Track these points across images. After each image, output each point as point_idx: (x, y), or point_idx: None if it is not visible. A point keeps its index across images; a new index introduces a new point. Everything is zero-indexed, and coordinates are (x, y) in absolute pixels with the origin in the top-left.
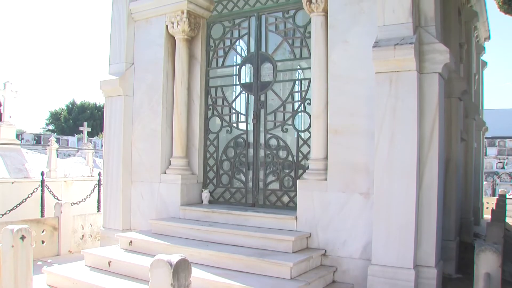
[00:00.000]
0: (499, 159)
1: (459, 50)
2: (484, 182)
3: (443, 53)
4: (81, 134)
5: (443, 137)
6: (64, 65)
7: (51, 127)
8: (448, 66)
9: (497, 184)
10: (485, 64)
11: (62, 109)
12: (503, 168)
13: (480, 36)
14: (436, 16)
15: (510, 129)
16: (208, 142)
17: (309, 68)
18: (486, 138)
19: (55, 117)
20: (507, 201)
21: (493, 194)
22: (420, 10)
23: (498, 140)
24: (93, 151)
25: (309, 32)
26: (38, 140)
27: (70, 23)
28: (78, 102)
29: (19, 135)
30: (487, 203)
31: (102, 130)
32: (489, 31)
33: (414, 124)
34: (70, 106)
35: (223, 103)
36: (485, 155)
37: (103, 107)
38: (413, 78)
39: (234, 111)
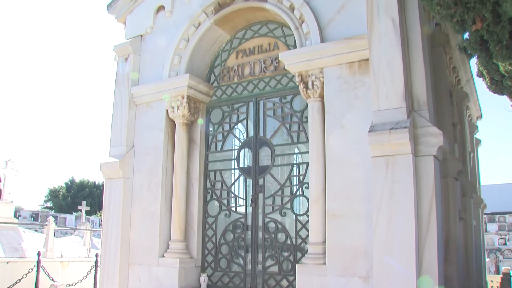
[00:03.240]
0: (500, 235)
1: (453, 130)
2: (487, 259)
3: (437, 136)
4: (79, 212)
5: (441, 218)
6: (64, 144)
7: (49, 204)
8: (443, 148)
9: (500, 261)
10: (479, 141)
11: (61, 186)
12: (505, 244)
13: (472, 115)
14: (428, 100)
15: (508, 204)
16: (207, 226)
17: (307, 152)
18: (485, 214)
19: (53, 194)
20: None
21: (497, 272)
22: (413, 95)
23: (498, 216)
24: (90, 231)
25: (306, 117)
26: (35, 217)
27: (71, 103)
28: (77, 180)
29: (16, 212)
30: (491, 281)
31: (100, 209)
32: (480, 110)
33: (412, 206)
34: (69, 183)
35: (221, 186)
36: (486, 231)
37: (102, 186)
38: (409, 161)
39: (232, 195)
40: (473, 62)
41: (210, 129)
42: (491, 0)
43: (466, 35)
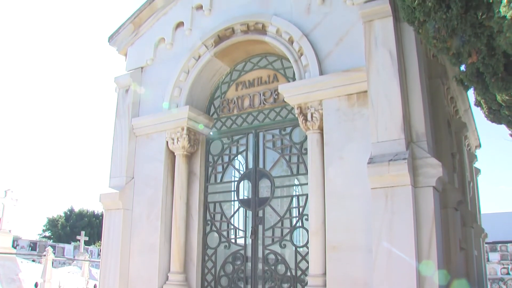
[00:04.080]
0: (503, 265)
1: (452, 160)
2: None
3: (436, 167)
4: (78, 242)
5: (441, 248)
6: (64, 173)
7: (47, 233)
8: (442, 179)
9: None
10: (478, 171)
11: (60, 215)
12: (508, 273)
13: (471, 144)
14: (427, 132)
15: (510, 232)
16: (206, 257)
17: (307, 183)
18: (486, 243)
19: (52, 224)
20: None
21: None
22: (412, 126)
23: (500, 245)
24: (89, 262)
25: (306, 149)
26: (34, 247)
27: (72, 133)
28: (76, 209)
29: (15, 241)
30: None
31: (99, 238)
32: (479, 139)
33: (412, 238)
34: (68, 213)
35: (221, 218)
36: (488, 261)
37: (101, 215)
38: (408, 193)
39: (232, 227)
40: (471, 92)
41: (210, 160)
42: (485, 33)
43: (463, 67)
